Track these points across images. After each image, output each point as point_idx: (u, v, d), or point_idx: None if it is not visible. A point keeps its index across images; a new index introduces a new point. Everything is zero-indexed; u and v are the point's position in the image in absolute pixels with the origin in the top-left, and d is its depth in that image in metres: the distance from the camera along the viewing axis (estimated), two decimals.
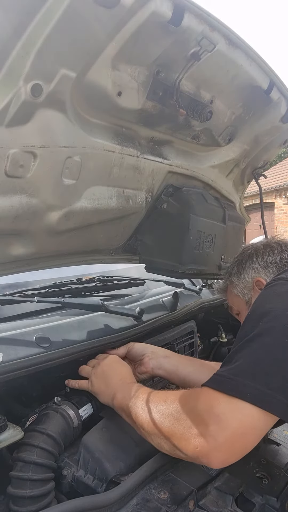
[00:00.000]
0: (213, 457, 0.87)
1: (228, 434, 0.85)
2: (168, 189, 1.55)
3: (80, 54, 0.93)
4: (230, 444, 0.86)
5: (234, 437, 0.85)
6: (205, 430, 0.86)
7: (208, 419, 0.87)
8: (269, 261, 1.30)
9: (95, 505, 0.90)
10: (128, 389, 1.10)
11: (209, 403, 0.88)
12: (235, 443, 0.86)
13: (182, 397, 0.99)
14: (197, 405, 0.91)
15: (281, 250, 1.31)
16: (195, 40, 1.05)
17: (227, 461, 0.90)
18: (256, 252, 1.34)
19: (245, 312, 1.35)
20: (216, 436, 0.85)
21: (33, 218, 1.15)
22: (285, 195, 15.39)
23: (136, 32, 0.94)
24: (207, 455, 0.87)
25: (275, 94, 1.37)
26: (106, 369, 1.21)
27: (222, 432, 0.85)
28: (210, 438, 0.85)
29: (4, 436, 0.96)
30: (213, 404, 0.88)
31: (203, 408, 0.89)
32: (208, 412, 0.87)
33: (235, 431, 0.85)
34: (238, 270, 1.36)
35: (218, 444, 0.85)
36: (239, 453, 0.89)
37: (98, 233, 1.45)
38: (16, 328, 1.22)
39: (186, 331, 1.80)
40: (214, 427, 0.85)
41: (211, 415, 0.86)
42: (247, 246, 1.42)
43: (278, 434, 1.42)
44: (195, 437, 0.88)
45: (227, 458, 0.89)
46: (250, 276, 1.32)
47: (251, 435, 0.87)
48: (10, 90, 0.87)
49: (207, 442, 0.86)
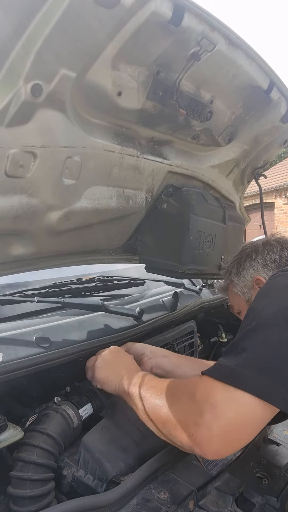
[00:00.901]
0: (207, 447, 0.85)
1: (222, 424, 0.83)
2: (168, 189, 1.55)
3: (80, 54, 0.93)
4: (225, 434, 0.84)
5: (228, 427, 0.84)
6: (200, 419, 0.85)
7: (204, 407, 0.85)
8: (268, 259, 1.29)
9: (95, 505, 0.90)
10: (134, 376, 1.11)
11: (207, 392, 0.87)
12: (229, 433, 0.85)
13: (181, 385, 0.99)
14: (195, 393, 0.90)
15: (280, 248, 1.30)
16: (195, 40, 1.05)
17: (221, 452, 0.88)
18: (256, 251, 1.34)
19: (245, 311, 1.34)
20: (210, 425, 0.83)
21: (33, 218, 1.15)
22: (285, 195, 15.38)
23: (136, 32, 0.94)
24: (200, 444, 0.86)
25: (275, 94, 1.37)
26: (110, 358, 1.22)
27: (217, 422, 0.83)
28: (204, 428, 0.84)
29: (4, 436, 0.96)
30: (209, 393, 0.87)
31: (200, 397, 0.88)
32: (204, 401, 0.86)
33: (230, 421, 0.83)
34: (238, 269, 1.36)
35: (212, 434, 0.83)
36: (234, 444, 0.88)
37: (98, 233, 1.45)
38: (16, 328, 1.22)
39: (186, 331, 1.80)
40: (209, 416, 0.84)
41: (207, 404, 0.85)
42: (246, 245, 1.42)
43: (278, 434, 1.42)
44: (190, 425, 0.87)
45: (221, 449, 0.87)
46: (250, 275, 1.31)
47: (248, 427, 0.86)
48: (10, 90, 0.87)
49: (201, 431, 0.85)
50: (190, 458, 1.16)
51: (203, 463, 1.15)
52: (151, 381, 1.08)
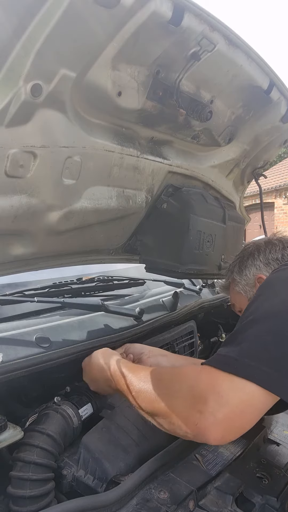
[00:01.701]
0: (211, 434, 0.87)
1: (227, 411, 0.86)
2: (168, 189, 1.55)
3: (80, 54, 0.93)
4: (229, 421, 0.87)
5: (232, 414, 0.86)
6: (205, 407, 0.87)
7: (209, 396, 0.87)
8: (270, 258, 1.30)
9: (95, 505, 0.90)
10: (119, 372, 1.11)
11: (211, 382, 0.89)
12: (233, 420, 0.87)
13: (179, 375, 1.00)
14: (198, 383, 0.92)
15: (282, 247, 1.31)
16: (195, 40, 1.05)
17: (224, 438, 0.90)
18: (258, 249, 1.34)
19: None
20: (215, 412, 0.86)
21: (33, 218, 1.15)
22: (285, 195, 15.39)
23: (136, 32, 0.94)
24: (205, 431, 0.88)
25: (275, 94, 1.37)
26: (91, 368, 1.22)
27: (221, 409, 0.86)
28: (209, 415, 0.86)
29: (4, 436, 0.96)
30: (215, 383, 0.88)
31: (204, 387, 0.90)
32: (209, 390, 0.88)
33: (234, 408, 0.86)
34: (240, 267, 1.36)
35: (217, 421, 0.86)
36: (236, 431, 0.90)
37: (98, 233, 1.45)
38: (16, 328, 1.22)
39: (186, 331, 1.80)
40: (213, 403, 0.86)
41: (212, 393, 0.87)
42: (248, 244, 1.42)
43: (278, 434, 1.42)
44: (194, 414, 0.89)
45: (225, 435, 0.89)
46: (252, 273, 1.32)
47: (250, 414, 0.88)
48: (10, 90, 0.87)
49: (206, 418, 0.87)
50: (190, 458, 1.16)
51: (203, 463, 1.15)
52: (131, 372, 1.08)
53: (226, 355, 0.92)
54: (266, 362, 0.86)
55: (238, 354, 0.89)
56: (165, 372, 1.06)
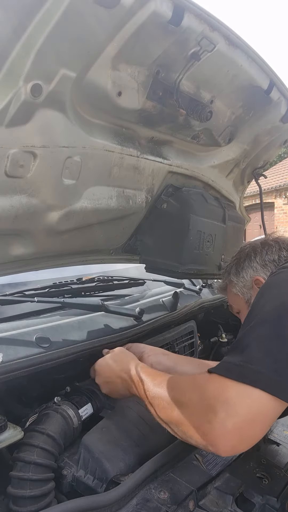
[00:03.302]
0: (222, 444, 0.86)
1: (237, 421, 0.84)
2: (168, 189, 1.55)
3: (80, 54, 0.93)
4: (239, 431, 0.85)
5: (243, 423, 0.85)
6: (214, 417, 0.86)
7: (217, 405, 0.86)
8: (267, 259, 1.30)
9: (95, 505, 0.90)
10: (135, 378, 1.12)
11: (218, 390, 0.88)
12: (244, 430, 0.86)
13: (189, 384, 1.00)
14: (206, 392, 0.91)
15: (279, 248, 1.31)
16: (195, 40, 1.05)
17: (235, 448, 0.89)
18: (254, 251, 1.34)
19: (245, 311, 1.34)
20: (225, 422, 0.84)
21: (33, 218, 1.15)
22: (285, 195, 15.38)
23: (136, 32, 0.94)
24: (215, 442, 0.87)
25: (275, 94, 1.37)
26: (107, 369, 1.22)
27: (231, 419, 0.84)
28: (219, 425, 0.85)
29: (4, 436, 0.96)
30: (222, 391, 0.87)
31: (212, 395, 0.89)
32: (217, 399, 0.87)
33: (244, 417, 0.84)
34: (237, 269, 1.36)
35: (227, 431, 0.85)
36: (248, 440, 0.88)
37: (98, 233, 1.45)
38: (16, 328, 1.22)
39: (186, 331, 1.80)
40: (222, 413, 0.85)
41: (220, 402, 0.86)
42: (245, 245, 1.42)
43: (278, 434, 1.42)
44: (204, 424, 0.88)
45: (236, 445, 0.88)
46: (249, 275, 1.32)
47: (260, 422, 0.87)
48: (10, 90, 0.87)
49: (215, 429, 0.86)
50: (190, 458, 1.16)
51: (203, 463, 1.15)
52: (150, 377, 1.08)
53: (231, 362, 0.91)
54: (271, 368, 0.85)
55: (243, 360, 0.88)
56: (179, 380, 1.05)
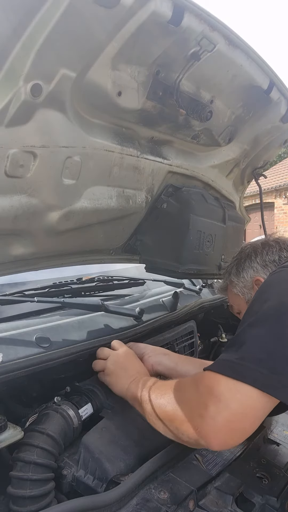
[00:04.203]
0: (213, 438, 0.88)
1: (227, 415, 0.86)
2: (168, 189, 1.55)
3: (80, 54, 0.93)
4: (230, 425, 0.87)
5: (233, 418, 0.86)
6: (205, 411, 0.87)
7: (208, 400, 0.88)
8: (268, 260, 1.31)
9: (95, 505, 0.90)
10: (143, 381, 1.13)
11: (209, 385, 0.90)
12: (234, 424, 0.87)
13: (186, 382, 1.02)
14: (199, 388, 0.93)
15: (279, 249, 1.32)
16: (195, 40, 1.05)
17: (226, 443, 0.90)
18: (255, 251, 1.35)
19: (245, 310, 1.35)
20: (215, 416, 0.86)
21: (33, 218, 1.15)
22: (285, 195, 15.38)
23: (136, 32, 0.94)
24: (206, 436, 0.88)
25: (275, 94, 1.37)
26: (123, 361, 1.24)
27: (221, 413, 0.86)
28: (209, 419, 0.87)
29: (4, 436, 0.96)
30: (213, 386, 0.89)
31: (203, 390, 0.91)
32: (208, 394, 0.89)
33: (234, 412, 0.86)
34: (237, 269, 1.37)
35: (217, 425, 0.86)
36: (238, 435, 0.90)
37: (98, 233, 1.45)
38: (16, 328, 1.22)
39: (186, 331, 1.80)
40: (213, 408, 0.86)
41: (211, 397, 0.88)
42: (245, 245, 1.43)
43: (278, 434, 1.42)
44: (195, 418, 0.90)
45: (227, 440, 0.89)
46: (249, 275, 1.32)
47: (250, 417, 0.88)
48: (10, 90, 0.87)
49: (207, 423, 0.87)
50: (190, 458, 1.16)
51: (203, 463, 1.15)
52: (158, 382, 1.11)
53: (226, 359, 0.92)
54: (265, 365, 0.86)
55: (237, 357, 0.89)
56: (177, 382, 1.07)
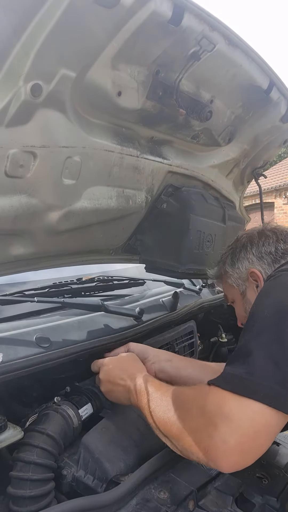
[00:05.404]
0: (224, 461, 0.82)
1: (239, 436, 0.80)
2: (168, 189, 1.55)
3: (80, 54, 0.93)
4: (242, 446, 0.81)
5: (245, 438, 0.81)
6: (215, 432, 0.82)
7: (217, 420, 0.82)
8: (263, 251, 1.24)
9: (95, 505, 0.90)
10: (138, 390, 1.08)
11: (218, 404, 0.84)
12: (246, 445, 0.82)
13: (190, 396, 0.96)
14: (206, 406, 0.87)
15: (276, 239, 1.25)
16: (195, 40, 1.05)
17: (238, 464, 0.84)
18: (251, 242, 1.28)
19: (240, 302, 1.32)
20: (226, 438, 0.80)
21: (33, 218, 1.15)
22: (285, 195, 15.38)
23: (136, 32, 0.94)
24: (217, 458, 0.83)
25: (275, 94, 1.37)
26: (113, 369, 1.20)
27: (233, 434, 0.80)
28: (220, 441, 0.81)
29: (4, 436, 0.96)
30: (222, 405, 0.83)
31: (212, 409, 0.85)
32: (217, 413, 0.83)
33: (247, 431, 0.80)
34: (232, 260, 1.31)
35: (229, 447, 0.81)
36: (251, 456, 0.84)
37: (98, 233, 1.45)
38: (16, 328, 1.21)
39: (186, 331, 1.80)
40: (224, 428, 0.81)
41: (221, 416, 0.82)
42: (241, 234, 1.36)
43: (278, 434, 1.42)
44: (204, 439, 0.84)
45: (239, 461, 0.84)
46: (244, 267, 1.27)
47: (263, 436, 0.83)
48: (10, 90, 0.87)
49: (217, 444, 0.81)
50: None
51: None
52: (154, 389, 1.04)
53: (233, 374, 0.86)
54: (274, 379, 0.81)
55: (245, 372, 0.84)
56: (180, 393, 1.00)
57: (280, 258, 1.21)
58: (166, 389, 1.03)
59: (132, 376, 1.13)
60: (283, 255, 1.21)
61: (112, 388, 1.18)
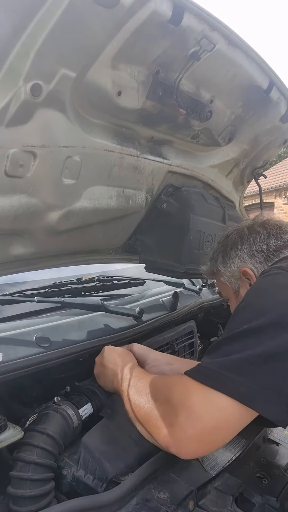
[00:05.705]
0: (182, 448, 0.86)
1: (198, 427, 0.83)
2: (168, 189, 1.55)
3: (80, 54, 0.93)
4: (200, 436, 0.84)
5: (204, 430, 0.83)
6: (175, 421, 0.85)
7: (180, 409, 0.85)
8: (255, 249, 1.21)
9: (95, 505, 0.90)
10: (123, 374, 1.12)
11: (183, 393, 0.87)
12: (205, 436, 0.84)
13: (162, 384, 0.99)
14: (172, 394, 0.90)
15: (267, 236, 1.21)
16: (195, 39, 1.05)
17: (196, 453, 0.89)
18: (241, 239, 1.25)
19: (234, 300, 1.31)
20: (185, 427, 0.83)
21: (33, 218, 1.15)
22: (285, 195, 15.37)
23: (136, 32, 0.94)
24: (175, 445, 0.86)
25: (275, 94, 1.37)
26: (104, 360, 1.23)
27: (192, 425, 0.83)
28: (179, 429, 0.84)
29: (4, 436, 0.96)
30: (186, 394, 0.86)
31: (176, 398, 0.88)
32: (180, 403, 0.86)
33: (206, 424, 0.83)
34: (224, 258, 1.28)
35: (187, 436, 0.84)
36: (209, 446, 0.88)
37: (98, 233, 1.45)
38: (16, 328, 1.22)
39: (186, 331, 1.80)
40: (183, 418, 0.84)
41: (183, 406, 0.85)
42: (231, 231, 1.32)
43: (278, 434, 1.42)
44: (165, 426, 0.88)
45: (197, 450, 0.88)
46: (236, 266, 1.24)
47: (224, 430, 0.85)
48: (10, 90, 0.87)
49: (176, 433, 0.85)
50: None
51: (203, 463, 1.15)
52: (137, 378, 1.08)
53: (206, 366, 0.87)
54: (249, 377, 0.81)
55: (219, 366, 0.85)
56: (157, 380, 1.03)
57: (272, 256, 1.19)
58: (148, 377, 1.06)
59: (124, 364, 1.16)
60: (275, 252, 1.18)
61: (102, 370, 1.21)
